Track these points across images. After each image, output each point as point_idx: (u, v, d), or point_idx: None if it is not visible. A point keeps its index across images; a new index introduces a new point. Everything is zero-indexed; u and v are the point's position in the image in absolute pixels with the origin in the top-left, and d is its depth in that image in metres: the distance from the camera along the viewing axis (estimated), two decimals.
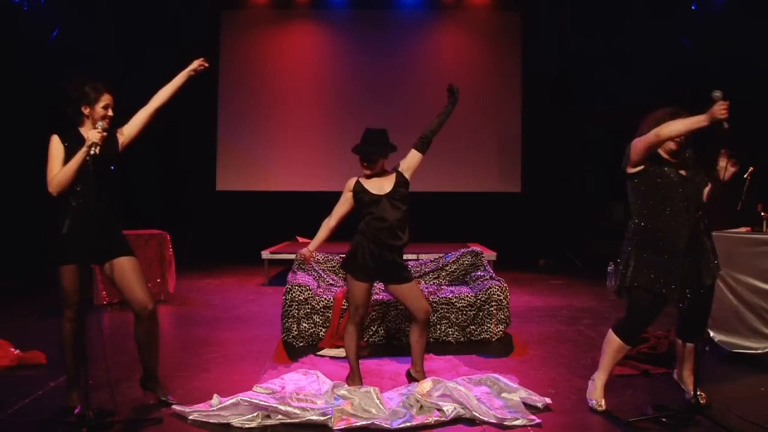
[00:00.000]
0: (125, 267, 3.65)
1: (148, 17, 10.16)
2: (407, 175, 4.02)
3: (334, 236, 4.14)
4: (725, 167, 3.55)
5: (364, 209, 3.97)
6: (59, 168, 3.50)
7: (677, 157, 3.55)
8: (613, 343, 3.65)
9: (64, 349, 3.61)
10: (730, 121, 3.24)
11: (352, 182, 4.03)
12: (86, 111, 3.60)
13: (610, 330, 3.70)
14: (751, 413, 3.52)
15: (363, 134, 4.02)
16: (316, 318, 5.25)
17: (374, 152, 3.95)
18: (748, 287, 4.72)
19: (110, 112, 3.64)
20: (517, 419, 3.48)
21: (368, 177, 4.00)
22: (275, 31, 11.35)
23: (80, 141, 3.52)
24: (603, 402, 3.67)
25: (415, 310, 3.98)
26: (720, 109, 3.21)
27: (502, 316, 5.44)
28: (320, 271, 6.08)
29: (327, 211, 4.11)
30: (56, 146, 3.54)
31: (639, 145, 3.49)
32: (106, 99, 3.62)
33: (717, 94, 3.24)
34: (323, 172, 10.93)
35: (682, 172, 3.54)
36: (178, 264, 7.67)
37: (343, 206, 4.05)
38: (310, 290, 5.35)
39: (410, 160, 4.05)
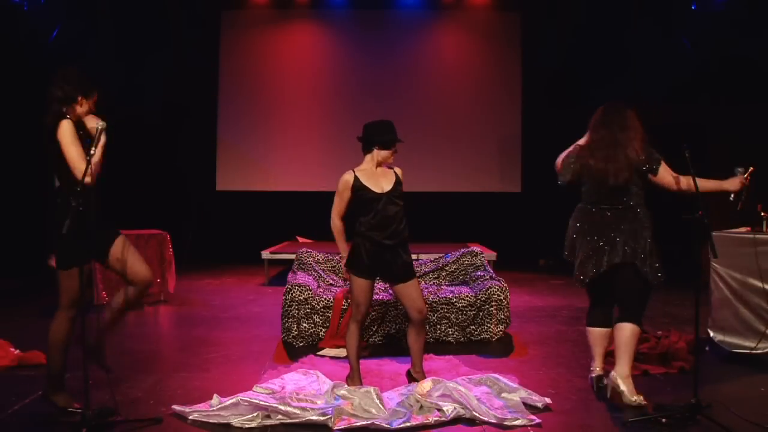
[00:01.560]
0: (118, 248, 3.60)
1: (148, 17, 10.17)
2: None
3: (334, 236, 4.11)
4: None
5: (365, 207, 3.95)
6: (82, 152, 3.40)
7: None
8: (634, 332, 3.72)
9: (55, 349, 3.55)
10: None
11: (350, 178, 3.95)
12: (81, 102, 3.54)
13: (627, 324, 3.72)
14: (751, 413, 3.51)
15: (385, 124, 3.99)
16: (316, 318, 5.25)
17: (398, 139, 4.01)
18: (748, 287, 4.72)
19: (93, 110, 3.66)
20: (517, 419, 3.47)
21: (383, 165, 3.99)
22: (275, 31, 11.35)
23: (80, 126, 3.52)
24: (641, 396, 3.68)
25: (410, 309, 3.98)
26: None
27: (502, 316, 5.44)
28: (320, 271, 6.08)
29: (327, 211, 4.04)
30: (74, 130, 3.44)
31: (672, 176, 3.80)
32: (95, 97, 3.63)
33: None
34: (323, 172, 10.91)
35: None
36: (178, 264, 7.68)
37: (344, 204, 4.00)
38: (310, 290, 5.34)
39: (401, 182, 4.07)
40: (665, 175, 3.77)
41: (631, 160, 3.72)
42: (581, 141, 3.96)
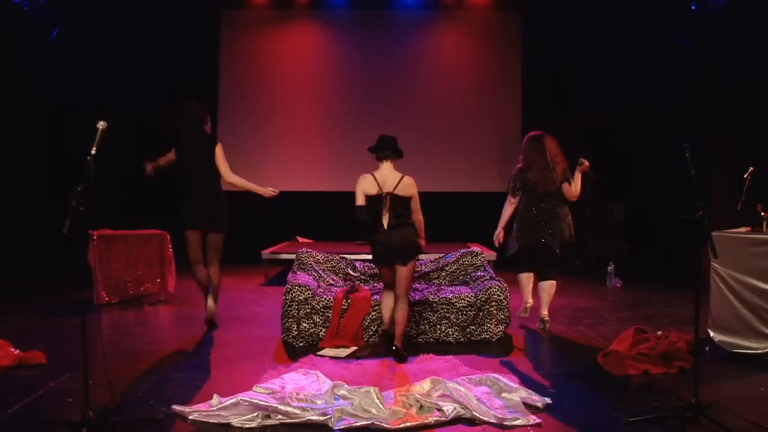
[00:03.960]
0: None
1: (147, 17, 10.17)
2: None
3: (335, 236, 4.12)
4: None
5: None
6: None
7: None
8: (553, 285, 5.85)
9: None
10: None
11: None
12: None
13: (550, 281, 5.81)
14: (751, 413, 3.52)
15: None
16: (316, 318, 5.25)
17: None
18: (748, 287, 4.72)
19: None
20: (517, 419, 3.47)
21: None
22: (275, 31, 11.35)
23: None
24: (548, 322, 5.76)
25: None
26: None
27: (502, 316, 5.44)
28: (320, 271, 6.08)
29: (327, 211, 4.05)
30: None
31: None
32: None
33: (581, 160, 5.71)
34: (323, 172, 10.92)
35: None
36: (178, 264, 7.66)
37: None
38: (310, 290, 5.34)
39: None
40: (571, 186, 5.72)
41: (559, 176, 5.67)
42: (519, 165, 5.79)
